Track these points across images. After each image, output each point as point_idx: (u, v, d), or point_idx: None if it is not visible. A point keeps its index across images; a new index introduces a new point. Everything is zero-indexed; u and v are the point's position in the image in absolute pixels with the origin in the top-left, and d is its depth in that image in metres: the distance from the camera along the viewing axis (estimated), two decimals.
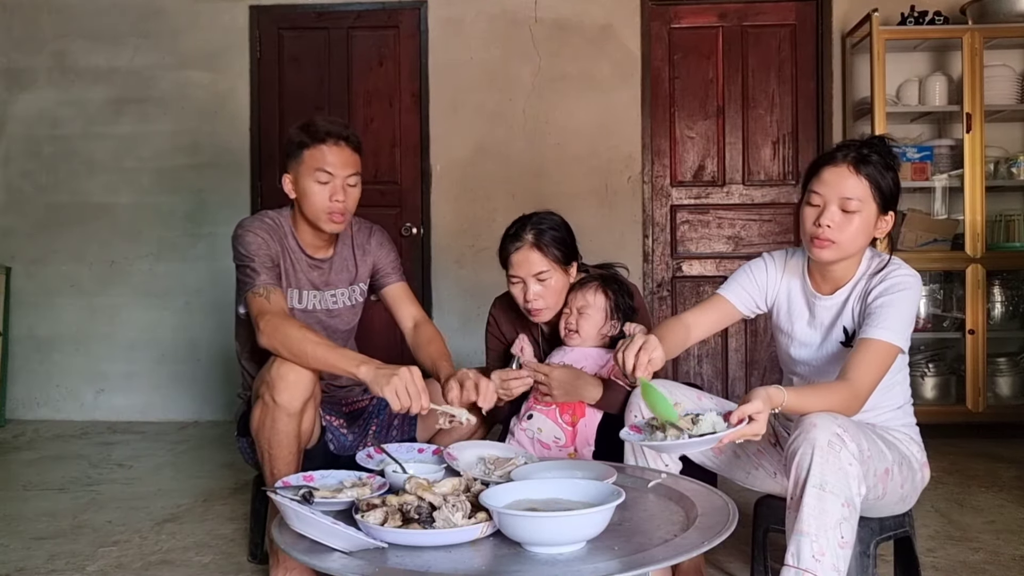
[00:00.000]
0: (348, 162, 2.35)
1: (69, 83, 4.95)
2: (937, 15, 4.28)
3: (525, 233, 2.39)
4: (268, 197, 4.83)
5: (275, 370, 2.13)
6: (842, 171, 1.90)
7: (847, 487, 1.67)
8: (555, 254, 2.37)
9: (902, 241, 4.19)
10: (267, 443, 2.17)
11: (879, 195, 1.90)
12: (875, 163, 1.90)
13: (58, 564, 2.53)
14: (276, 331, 2.15)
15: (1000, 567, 2.44)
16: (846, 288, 1.99)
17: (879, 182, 1.89)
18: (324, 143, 2.32)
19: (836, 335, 2.01)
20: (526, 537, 1.49)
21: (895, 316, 1.84)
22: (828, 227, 1.89)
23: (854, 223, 1.89)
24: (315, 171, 2.32)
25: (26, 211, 4.98)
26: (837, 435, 1.68)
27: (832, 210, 1.89)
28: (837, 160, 1.91)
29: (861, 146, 1.93)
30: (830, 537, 1.64)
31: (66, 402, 4.95)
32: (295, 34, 4.88)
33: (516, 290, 2.41)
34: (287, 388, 2.12)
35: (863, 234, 1.91)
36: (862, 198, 1.88)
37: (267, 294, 2.26)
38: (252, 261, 2.30)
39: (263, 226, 2.38)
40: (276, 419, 2.14)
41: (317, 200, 2.33)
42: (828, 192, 1.90)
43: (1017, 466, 3.62)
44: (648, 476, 1.93)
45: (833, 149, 1.98)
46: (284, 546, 1.55)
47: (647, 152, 4.74)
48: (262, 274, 2.28)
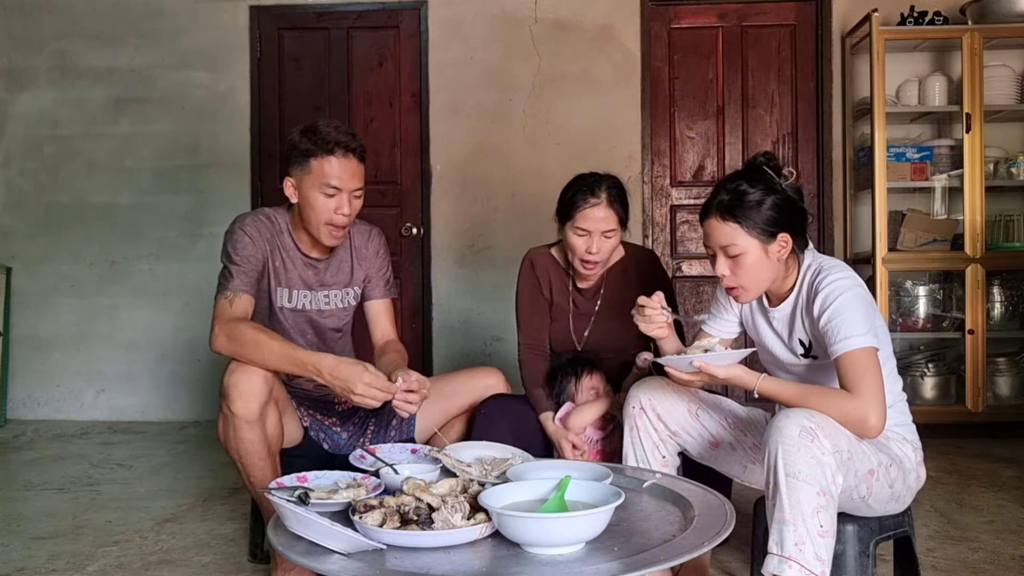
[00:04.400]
0: (355, 174, 2.32)
1: (69, 83, 4.96)
2: (937, 15, 4.28)
3: (601, 191, 2.48)
4: (268, 197, 4.83)
5: (227, 379, 2.12)
6: (713, 222, 1.97)
7: (822, 476, 1.68)
8: (621, 214, 2.50)
9: (902, 241, 4.20)
10: (236, 453, 2.17)
11: (755, 230, 1.92)
12: (743, 201, 1.92)
13: (58, 564, 2.54)
14: (230, 337, 2.15)
15: (1000, 567, 2.44)
16: (791, 299, 2.03)
17: (750, 218, 1.91)
18: (333, 154, 2.27)
19: (796, 347, 2.04)
20: (525, 538, 1.49)
21: (848, 322, 1.85)
22: (726, 276, 1.97)
23: (746, 264, 1.94)
24: (322, 184, 2.28)
25: (26, 211, 4.99)
26: (809, 428, 1.70)
27: (720, 260, 1.97)
28: (711, 210, 1.97)
29: (729, 187, 1.95)
30: (809, 526, 1.66)
31: (66, 402, 4.95)
32: (295, 34, 4.88)
33: (580, 242, 2.49)
34: (240, 396, 2.11)
35: (763, 268, 1.95)
36: (738, 242, 1.93)
37: (232, 298, 2.25)
38: (232, 263, 2.30)
39: (257, 224, 2.37)
40: (237, 428, 2.13)
41: (321, 212, 2.30)
42: (711, 243, 1.99)
43: (1017, 466, 3.62)
44: (645, 477, 1.94)
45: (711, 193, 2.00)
46: (281, 548, 1.55)
47: (647, 152, 4.74)
48: (236, 278, 2.28)
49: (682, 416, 2.14)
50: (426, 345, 4.79)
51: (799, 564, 1.64)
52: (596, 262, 2.51)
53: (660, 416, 2.13)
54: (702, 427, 2.15)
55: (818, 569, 1.65)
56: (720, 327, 2.21)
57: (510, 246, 4.71)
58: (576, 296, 2.64)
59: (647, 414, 2.13)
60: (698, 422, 2.15)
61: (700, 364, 1.88)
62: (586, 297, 2.64)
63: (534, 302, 2.65)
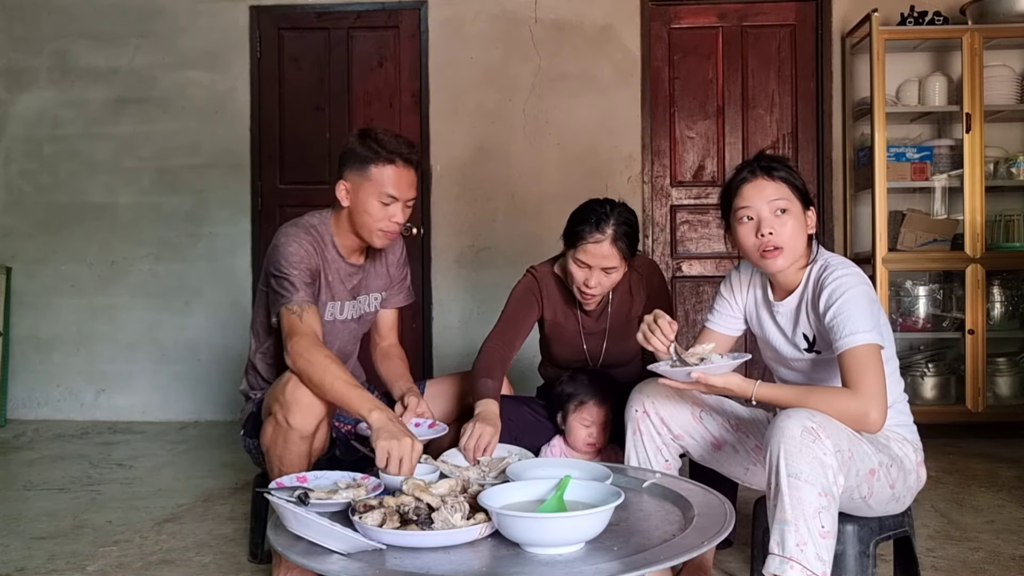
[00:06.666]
0: (412, 185, 2.33)
1: (69, 83, 4.96)
2: (937, 15, 4.28)
3: (607, 227, 2.39)
4: (268, 197, 4.84)
5: (290, 392, 2.11)
6: (759, 183, 1.99)
7: (823, 477, 1.67)
8: (626, 251, 2.43)
9: (902, 241, 4.20)
10: (278, 460, 2.16)
11: (797, 192, 2.00)
12: (785, 165, 2.01)
13: (58, 564, 2.53)
14: (302, 356, 2.12)
15: (1000, 567, 2.44)
16: (797, 293, 2.03)
17: (792, 181, 2.00)
18: (393, 164, 2.27)
19: (800, 342, 2.04)
20: (525, 538, 1.49)
21: (853, 319, 1.85)
22: (770, 234, 1.97)
23: (789, 223, 1.97)
24: (380, 192, 2.28)
25: (26, 211, 4.99)
26: (811, 428, 1.69)
27: (767, 218, 1.98)
28: (748, 178, 2.01)
29: (759, 160, 2.03)
30: (811, 526, 1.66)
31: (66, 402, 4.95)
32: (295, 34, 4.88)
33: (579, 273, 2.44)
34: (301, 412, 2.11)
35: (800, 231, 1.99)
36: (787, 197, 1.98)
37: (301, 312, 2.21)
38: (291, 274, 2.25)
39: (307, 237, 2.34)
40: (288, 439, 2.13)
41: (376, 219, 2.30)
42: (756, 203, 1.99)
43: (1017, 466, 3.62)
44: (645, 477, 1.94)
45: (735, 172, 2.06)
46: (281, 548, 1.55)
47: (647, 152, 4.74)
48: (300, 290, 2.24)
49: (685, 419, 2.14)
50: (426, 345, 4.79)
51: (801, 564, 1.64)
52: (594, 295, 2.48)
53: (663, 419, 2.13)
54: (705, 429, 2.15)
55: (819, 569, 1.65)
56: (724, 324, 2.20)
57: (510, 246, 4.71)
58: (584, 318, 2.61)
59: (650, 417, 2.13)
60: (701, 424, 2.14)
61: (699, 376, 1.88)
62: (593, 317, 2.61)
63: (523, 316, 2.59)
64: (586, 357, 2.62)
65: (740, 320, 2.20)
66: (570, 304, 2.60)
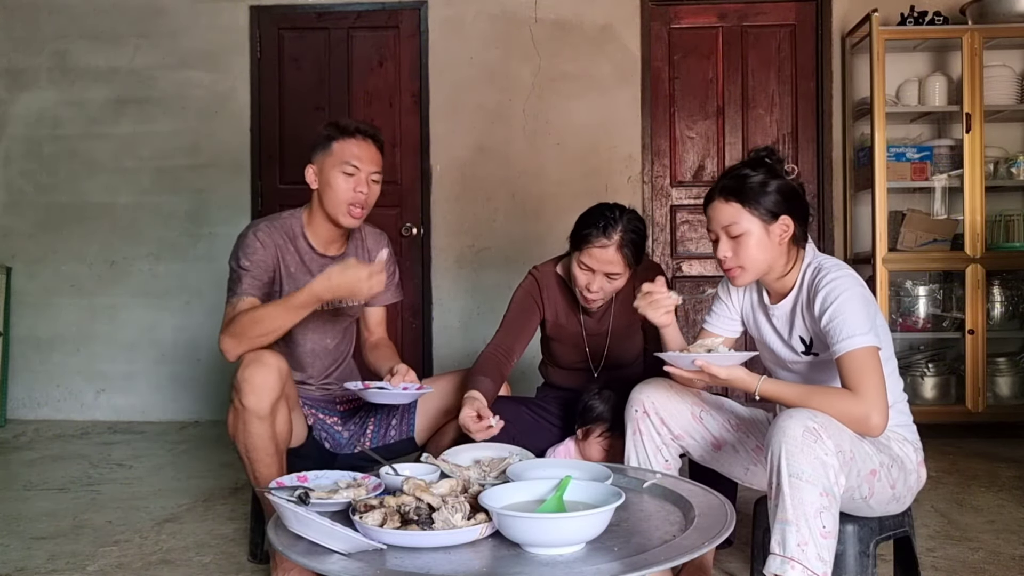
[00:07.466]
0: (373, 159, 2.42)
1: (69, 83, 4.96)
2: (937, 15, 4.28)
3: (614, 232, 2.39)
4: (268, 197, 4.84)
5: (241, 373, 2.15)
6: (716, 205, 2.01)
7: (825, 477, 1.67)
8: (631, 258, 2.43)
9: (902, 241, 4.20)
10: (244, 447, 2.18)
11: (758, 210, 1.96)
12: (745, 184, 1.97)
13: (58, 564, 2.53)
14: (228, 329, 2.23)
15: (1000, 567, 2.44)
16: (791, 296, 2.04)
17: (753, 199, 1.96)
18: (353, 137, 2.40)
19: (797, 344, 2.05)
20: (526, 538, 1.49)
21: (849, 322, 1.85)
22: (727, 256, 1.99)
23: (747, 244, 1.97)
24: (342, 163, 2.37)
25: (26, 211, 4.99)
26: (813, 428, 1.69)
27: (724, 241, 2.00)
28: (710, 198, 2.03)
29: (731, 173, 2.02)
30: (812, 526, 1.65)
31: (66, 402, 4.95)
32: (295, 34, 4.88)
33: (583, 276, 2.44)
34: (253, 391, 2.13)
35: (764, 249, 1.98)
36: (739, 221, 1.97)
37: (237, 303, 2.31)
38: (241, 268, 2.34)
39: (270, 230, 2.41)
40: (247, 423, 2.15)
41: (340, 191, 2.37)
42: (714, 226, 2.02)
43: (1017, 466, 3.62)
44: (645, 477, 1.94)
45: (714, 183, 2.07)
46: (281, 547, 1.54)
47: (647, 152, 4.74)
48: (244, 282, 2.33)
49: (685, 419, 2.14)
50: (426, 345, 4.78)
51: (801, 565, 1.64)
52: (596, 300, 2.48)
53: (663, 419, 2.13)
54: (705, 429, 2.14)
55: (820, 570, 1.65)
56: (722, 325, 2.20)
57: (510, 246, 4.71)
58: (586, 319, 2.61)
59: (650, 417, 2.13)
60: (701, 424, 2.14)
61: (702, 363, 1.88)
62: (595, 319, 2.61)
63: (523, 323, 2.59)
64: (588, 358, 2.62)
65: (737, 322, 2.20)
66: (572, 305, 2.60)
